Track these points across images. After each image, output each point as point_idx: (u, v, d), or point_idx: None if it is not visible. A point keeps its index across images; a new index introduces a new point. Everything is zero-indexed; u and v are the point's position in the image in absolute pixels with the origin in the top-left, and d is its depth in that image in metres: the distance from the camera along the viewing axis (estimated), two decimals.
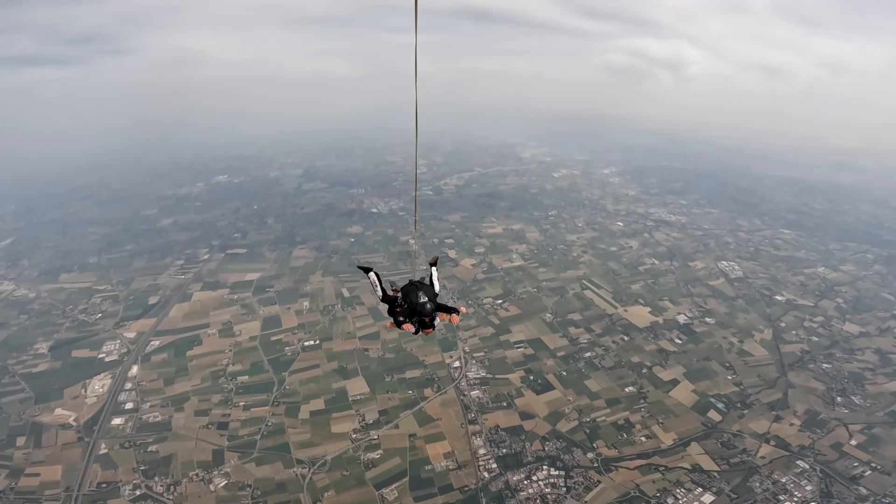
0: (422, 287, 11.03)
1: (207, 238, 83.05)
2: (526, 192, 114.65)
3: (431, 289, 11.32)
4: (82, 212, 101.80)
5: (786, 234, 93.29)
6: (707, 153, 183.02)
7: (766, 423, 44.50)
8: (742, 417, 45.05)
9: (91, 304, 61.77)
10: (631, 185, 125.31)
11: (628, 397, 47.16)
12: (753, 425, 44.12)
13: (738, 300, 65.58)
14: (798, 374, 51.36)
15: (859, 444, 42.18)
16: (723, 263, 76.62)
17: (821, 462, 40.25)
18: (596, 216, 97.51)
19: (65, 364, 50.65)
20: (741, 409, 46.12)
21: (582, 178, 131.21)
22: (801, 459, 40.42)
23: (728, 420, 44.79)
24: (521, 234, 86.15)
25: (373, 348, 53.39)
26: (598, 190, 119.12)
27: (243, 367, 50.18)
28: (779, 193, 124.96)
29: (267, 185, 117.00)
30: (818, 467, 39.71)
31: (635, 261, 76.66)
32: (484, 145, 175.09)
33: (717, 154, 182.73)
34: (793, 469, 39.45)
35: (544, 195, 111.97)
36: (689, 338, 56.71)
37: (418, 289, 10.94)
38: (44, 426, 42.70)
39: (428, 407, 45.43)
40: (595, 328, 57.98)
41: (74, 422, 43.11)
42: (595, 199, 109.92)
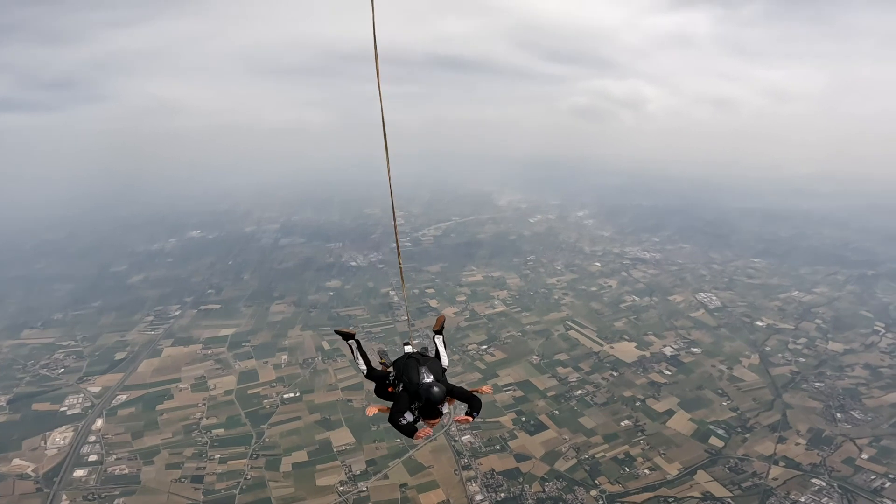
0: (424, 361, 8.33)
1: (179, 294, 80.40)
2: (504, 239, 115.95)
3: (437, 363, 8.54)
4: (48, 267, 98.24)
5: (757, 262, 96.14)
6: (673, 189, 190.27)
7: (771, 444, 44.06)
8: (745, 441, 44.46)
9: (53, 359, 58.72)
10: (605, 226, 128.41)
11: (625, 431, 46.05)
12: (759, 448, 43.58)
13: (720, 329, 66.37)
14: (793, 395, 51.52)
15: (871, 457, 42.21)
16: (701, 295, 77.97)
17: (837, 478, 39.87)
18: (574, 258, 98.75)
19: (24, 416, 47.55)
20: (743, 434, 45.58)
21: (557, 222, 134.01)
22: (816, 477, 40.03)
23: (731, 445, 44.10)
24: (502, 280, 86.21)
25: (356, 399, 51.28)
26: (574, 233, 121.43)
27: (218, 420, 47.39)
28: (745, 224, 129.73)
29: (242, 240, 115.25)
30: (835, 483, 39.28)
31: (616, 299, 77.20)
32: (460, 194, 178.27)
33: (683, 189, 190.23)
34: (809, 488, 38.91)
35: (522, 241, 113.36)
36: (679, 368, 56.57)
37: (419, 364, 8.21)
38: (0, 476, 39.67)
39: (418, 455, 43.20)
40: (583, 366, 57.28)
41: (33, 472, 40.14)
42: (572, 242, 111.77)
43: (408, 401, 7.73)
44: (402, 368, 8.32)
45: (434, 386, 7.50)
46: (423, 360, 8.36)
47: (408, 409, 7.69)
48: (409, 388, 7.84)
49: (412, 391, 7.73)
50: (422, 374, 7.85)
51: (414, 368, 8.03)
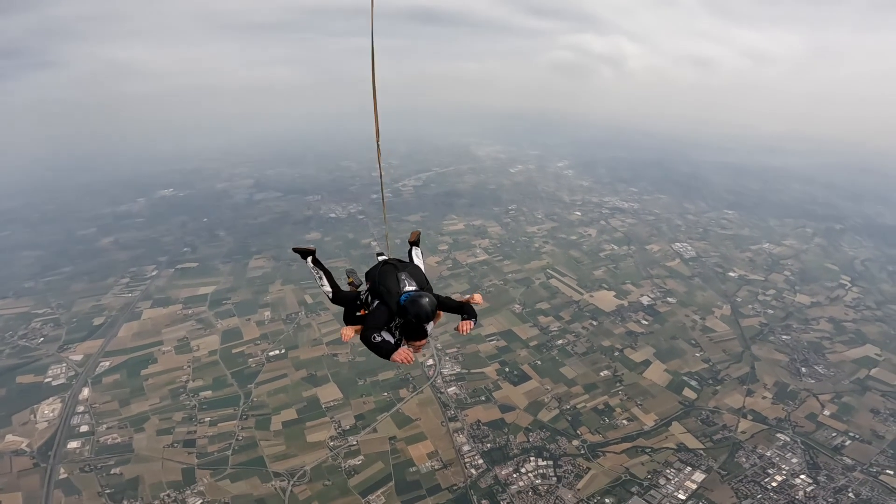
0: (403, 267, 7.06)
1: (153, 255, 78.08)
2: (484, 188, 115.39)
3: (419, 270, 7.32)
4: (12, 235, 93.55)
5: (729, 213, 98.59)
6: (650, 144, 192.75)
7: (740, 397, 46.07)
8: (716, 394, 46.48)
9: (31, 328, 56.89)
10: (584, 177, 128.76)
11: (605, 381, 47.81)
12: (728, 400, 45.59)
13: (694, 279, 68.33)
14: (761, 347, 53.64)
15: (832, 413, 44.21)
16: (677, 245, 79.89)
17: (800, 434, 41.81)
18: (554, 207, 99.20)
19: (9, 391, 46.54)
20: (714, 386, 47.63)
21: (537, 172, 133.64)
22: (781, 432, 41.97)
23: (703, 397, 46.11)
24: (483, 229, 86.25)
25: (342, 353, 51.53)
26: (554, 183, 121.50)
27: (205, 383, 47.35)
28: (718, 178, 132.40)
29: (215, 198, 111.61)
30: (798, 439, 41.16)
31: (595, 248, 78.46)
32: (439, 146, 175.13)
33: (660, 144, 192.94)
34: (775, 442, 40.85)
35: (502, 191, 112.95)
36: (655, 318, 58.38)
37: (397, 269, 6.94)
38: None
39: (405, 408, 44.31)
40: (564, 316, 58.63)
41: (27, 447, 39.77)
42: (551, 192, 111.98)
43: (386, 316, 6.43)
44: (378, 278, 6.94)
45: (422, 296, 6.11)
46: (401, 266, 7.10)
47: (385, 326, 6.42)
48: (389, 300, 6.48)
49: (393, 304, 6.41)
50: (402, 281, 6.66)
51: (391, 276, 6.77)
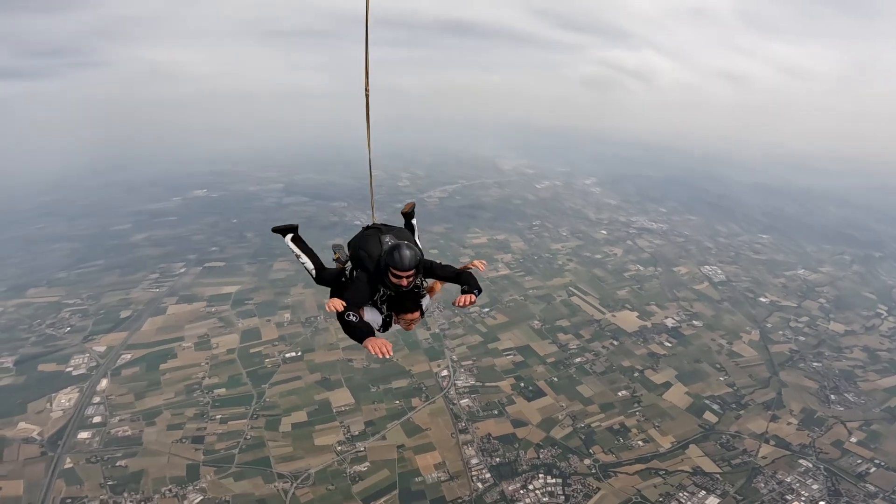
0: (388, 230, 6.42)
1: (183, 252, 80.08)
2: (509, 203, 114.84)
3: (408, 234, 6.74)
4: (49, 227, 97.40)
5: (763, 237, 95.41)
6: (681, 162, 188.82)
7: (764, 422, 44.19)
8: (739, 418, 44.66)
9: (59, 318, 58.50)
10: (611, 195, 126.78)
11: (622, 401, 46.37)
12: (751, 425, 43.75)
13: (723, 303, 66.02)
14: (789, 373, 51.45)
15: (859, 440, 42.19)
16: (706, 268, 77.40)
17: (823, 460, 39.98)
18: (579, 225, 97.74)
19: (30, 378, 47.54)
20: (737, 410, 45.78)
21: (564, 188, 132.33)
22: (804, 458, 40.10)
23: (725, 421, 44.33)
24: (506, 243, 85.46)
25: (357, 359, 51.28)
26: (580, 200, 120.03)
27: (220, 380, 47.68)
28: (751, 199, 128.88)
29: (246, 200, 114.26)
30: (822, 465, 39.42)
31: (620, 267, 76.61)
32: (465, 158, 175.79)
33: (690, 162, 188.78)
34: (796, 468, 39.04)
35: (527, 206, 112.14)
36: (679, 341, 56.57)
37: (381, 233, 6.31)
38: (6, 441, 39.82)
39: (416, 417, 43.68)
40: (584, 334, 57.21)
41: (38, 436, 40.33)
42: (577, 209, 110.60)
43: (366, 285, 5.74)
44: (358, 244, 6.28)
45: (402, 245, 5.55)
46: (385, 229, 6.47)
47: (368, 299, 5.75)
48: (370, 265, 5.86)
49: (374, 269, 5.78)
50: (386, 243, 6.00)
51: (374, 238, 6.13)
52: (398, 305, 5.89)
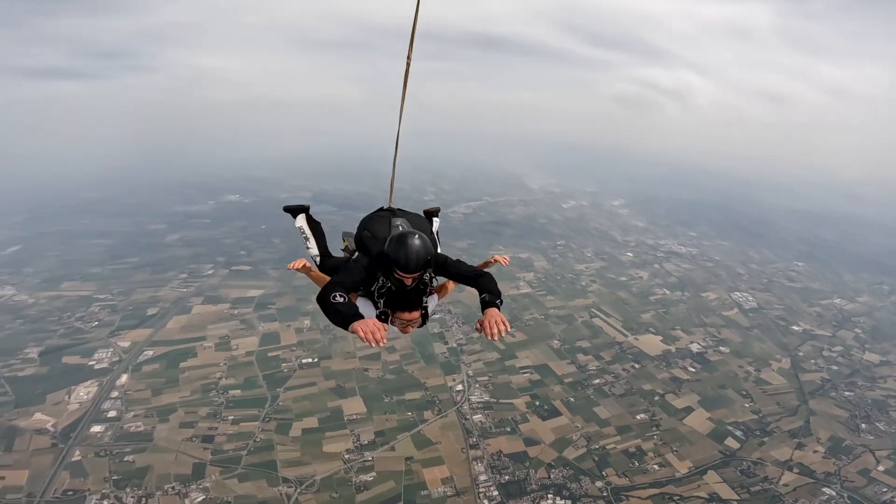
0: (402, 214, 5.92)
1: (212, 254, 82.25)
2: (534, 221, 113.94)
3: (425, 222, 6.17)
4: (90, 224, 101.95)
5: (799, 265, 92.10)
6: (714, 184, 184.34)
7: (789, 450, 42.35)
8: (762, 445, 42.81)
9: (89, 312, 60.47)
10: (640, 217, 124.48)
11: (640, 424, 44.84)
12: (775, 452, 41.93)
13: (753, 330, 63.66)
14: (819, 402, 49.43)
15: (887, 469, 40.39)
16: (736, 294, 74.81)
17: (848, 489, 38.21)
18: (605, 247, 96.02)
19: (53, 370, 48.96)
20: (761, 437, 43.88)
21: (591, 209, 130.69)
22: (828, 486, 38.38)
23: (747, 448, 42.50)
24: (529, 262, 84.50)
25: (373, 369, 51.28)
26: (607, 221, 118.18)
27: (236, 382, 48.20)
28: (788, 224, 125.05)
29: (276, 206, 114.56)
30: (846, 494, 37.72)
31: (645, 291, 74.71)
32: (492, 175, 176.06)
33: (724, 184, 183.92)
34: (819, 496, 37.38)
35: (552, 225, 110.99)
36: (704, 366, 54.61)
37: (394, 215, 5.83)
38: (19, 430, 40.75)
39: (427, 430, 43.05)
40: (604, 356, 55.72)
41: (52, 427, 41.13)
42: (604, 230, 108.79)
43: (362, 269, 4.93)
44: (365, 224, 5.64)
45: (412, 234, 4.73)
46: (399, 213, 5.86)
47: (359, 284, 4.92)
48: (372, 248, 5.17)
49: (375, 256, 5.03)
50: (396, 228, 5.40)
51: (383, 221, 5.48)
52: (397, 301, 5.07)
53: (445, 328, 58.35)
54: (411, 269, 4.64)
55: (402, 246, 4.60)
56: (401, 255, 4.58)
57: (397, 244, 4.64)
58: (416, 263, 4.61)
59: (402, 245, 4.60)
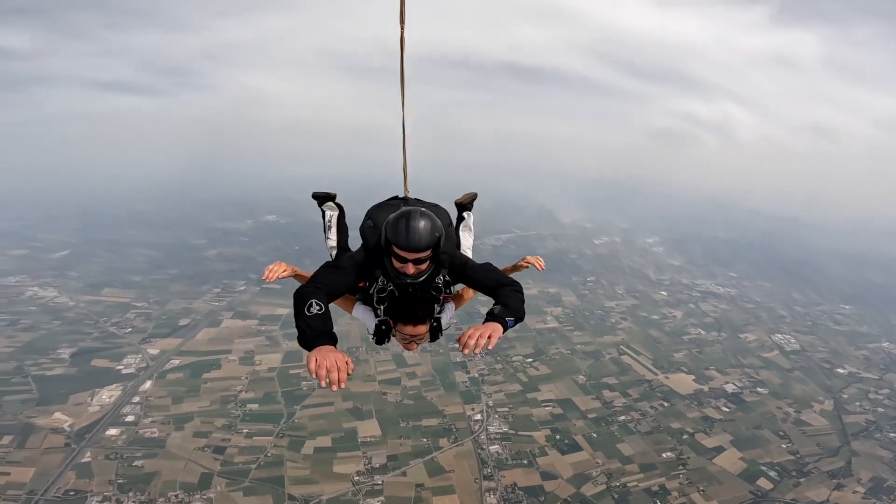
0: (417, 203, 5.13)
1: (246, 271, 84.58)
2: (565, 256, 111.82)
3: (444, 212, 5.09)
4: (137, 234, 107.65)
5: (846, 308, 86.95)
6: (756, 222, 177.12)
7: (826, 490, 39.78)
8: (798, 486, 40.20)
9: (124, 318, 62.82)
10: (675, 255, 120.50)
11: (665, 463, 42.36)
12: (811, 493, 39.40)
13: (794, 372, 60.24)
14: (863, 443, 46.46)
15: None
16: (777, 336, 70.89)
17: None
18: (637, 284, 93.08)
19: (81, 371, 50.55)
20: (797, 478, 41.19)
21: (623, 245, 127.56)
22: None
23: (781, 488, 39.91)
24: (557, 297, 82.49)
25: (391, 393, 50.81)
26: (640, 258, 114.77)
27: (255, 396, 48.56)
28: (836, 266, 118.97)
29: (309, 228, 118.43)
30: None
31: (679, 330, 71.60)
32: (523, 207, 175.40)
33: (767, 223, 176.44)
34: None
35: (583, 260, 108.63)
36: (738, 406, 51.66)
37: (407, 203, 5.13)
38: (35, 428, 41.64)
39: (441, 457, 41.86)
40: (632, 393, 53.36)
41: (68, 427, 41.94)
42: (637, 268, 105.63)
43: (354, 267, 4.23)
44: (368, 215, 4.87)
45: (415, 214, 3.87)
46: (414, 203, 5.12)
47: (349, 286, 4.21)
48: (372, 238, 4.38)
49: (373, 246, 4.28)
50: None
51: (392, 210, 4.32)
52: (401, 311, 4.17)
53: (468, 358, 57.21)
54: (412, 245, 3.79)
55: (402, 219, 3.83)
56: (400, 229, 3.78)
57: (397, 218, 3.88)
58: (419, 239, 3.76)
59: (403, 218, 3.83)
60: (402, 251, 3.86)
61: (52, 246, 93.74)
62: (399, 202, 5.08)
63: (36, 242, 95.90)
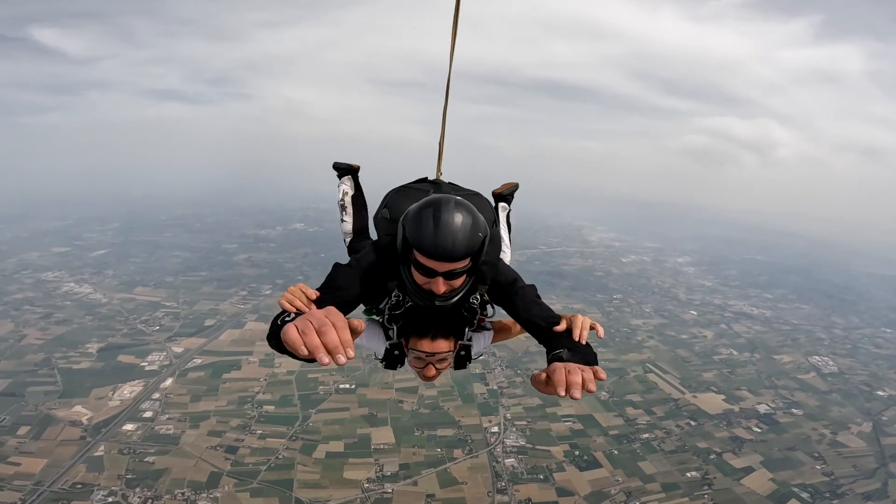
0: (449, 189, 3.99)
1: (273, 276, 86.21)
2: (590, 274, 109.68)
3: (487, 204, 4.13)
4: (173, 237, 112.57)
5: (887, 332, 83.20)
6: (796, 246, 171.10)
7: None
8: None
9: (153, 317, 64.47)
10: (707, 276, 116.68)
11: (689, 483, 40.36)
12: None
13: (832, 394, 57.33)
14: None
15: None
16: (815, 358, 67.55)
17: None
18: (666, 304, 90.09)
19: (106, 366, 51.71)
20: (830, 499, 39.09)
21: (652, 265, 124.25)
22: None
23: None
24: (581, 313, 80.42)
25: (408, 401, 50.09)
26: (670, 278, 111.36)
27: (272, 398, 48.72)
28: (879, 292, 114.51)
29: (336, 238, 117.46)
30: None
31: (709, 350, 68.84)
32: (550, 224, 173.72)
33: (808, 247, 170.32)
34: None
35: (610, 279, 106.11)
36: (771, 427, 49.22)
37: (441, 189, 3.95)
38: (54, 419, 42.26)
39: (454, 468, 40.85)
40: (657, 411, 51.28)
41: (86, 420, 42.47)
42: (666, 288, 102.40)
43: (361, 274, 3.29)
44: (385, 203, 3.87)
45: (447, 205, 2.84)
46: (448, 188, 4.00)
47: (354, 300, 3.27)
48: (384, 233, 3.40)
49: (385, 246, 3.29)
50: None
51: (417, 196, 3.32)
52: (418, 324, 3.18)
53: (488, 370, 56.32)
54: (443, 251, 2.69)
55: (428, 212, 2.73)
56: (426, 226, 2.70)
57: (421, 210, 2.79)
58: (454, 243, 2.68)
59: (431, 210, 2.73)
60: (427, 259, 2.77)
61: (92, 245, 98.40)
62: (428, 186, 3.88)
63: (78, 241, 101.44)
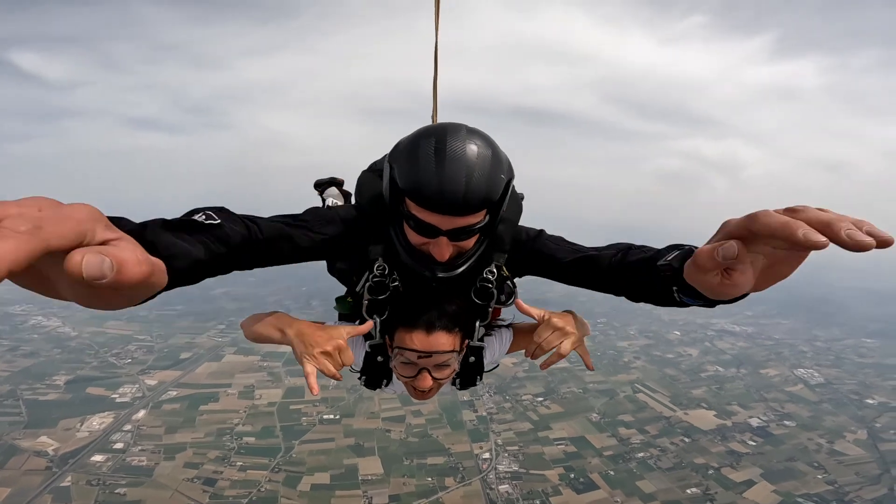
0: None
1: (254, 309, 76.53)
2: (574, 299, 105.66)
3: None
4: None
5: (869, 342, 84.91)
6: None
7: None
8: None
9: (125, 350, 61.68)
10: None
11: (691, 499, 39.46)
12: None
13: (822, 404, 57.48)
14: None
15: None
16: (800, 371, 68.19)
17: None
18: (650, 325, 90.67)
19: (75, 398, 49.12)
20: None
21: None
22: None
23: None
24: None
25: (395, 430, 48.58)
26: None
27: (253, 429, 46.56)
28: (857, 304, 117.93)
29: (318, 271, 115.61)
30: None
31: (696, 367, 69.00)
32: None
33: None
34: None
35: (594, 303, 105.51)
36: (766, 439, 48.82)
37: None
38: (18, 450, 40.04)
39: (447, 498, 39.34)
40: (650, 429, 50.56)
41: (52, 451, 40.15)
42: (648, 309, 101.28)
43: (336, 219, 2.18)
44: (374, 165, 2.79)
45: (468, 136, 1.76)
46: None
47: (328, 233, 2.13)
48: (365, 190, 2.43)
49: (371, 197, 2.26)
50: None
51: None
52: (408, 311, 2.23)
53: (476, 396, 55.19)
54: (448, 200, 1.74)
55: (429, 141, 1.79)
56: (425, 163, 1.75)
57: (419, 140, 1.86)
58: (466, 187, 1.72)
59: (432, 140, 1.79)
60: (427, 212, 1.82)
61: None
62: None
63: None
